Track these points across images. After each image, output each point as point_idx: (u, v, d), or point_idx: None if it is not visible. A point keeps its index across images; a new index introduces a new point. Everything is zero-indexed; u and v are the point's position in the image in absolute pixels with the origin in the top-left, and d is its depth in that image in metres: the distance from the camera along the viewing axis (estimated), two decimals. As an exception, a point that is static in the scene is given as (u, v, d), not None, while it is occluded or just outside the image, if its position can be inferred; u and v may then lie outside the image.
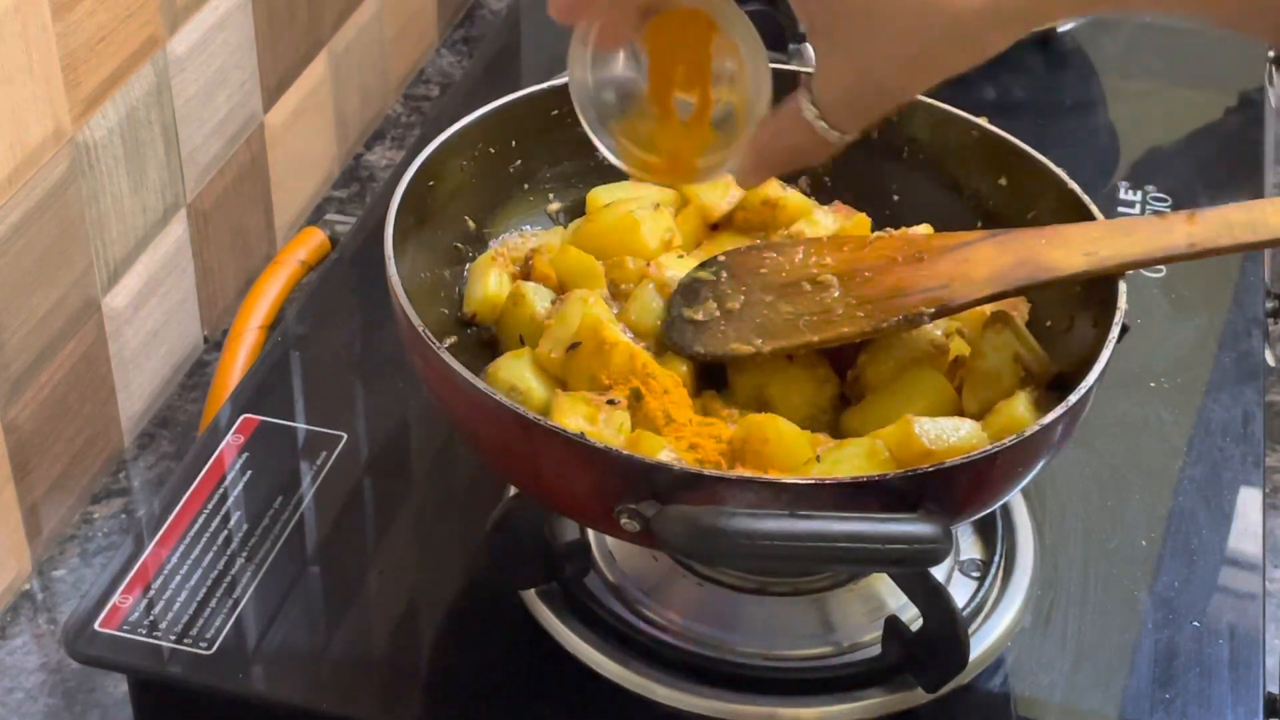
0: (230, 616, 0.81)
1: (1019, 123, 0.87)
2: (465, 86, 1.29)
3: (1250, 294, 1.05)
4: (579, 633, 0.79)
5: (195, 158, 1.07)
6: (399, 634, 0.83)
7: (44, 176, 0.90)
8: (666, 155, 0.75)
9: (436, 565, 0.86)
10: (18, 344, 0.91)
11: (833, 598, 0.81)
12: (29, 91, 0.88)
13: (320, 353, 1.00)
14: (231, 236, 1.14)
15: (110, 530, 0.98)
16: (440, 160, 0.83)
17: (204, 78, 1.06)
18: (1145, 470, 0.92)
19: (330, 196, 1.27)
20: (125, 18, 0.96)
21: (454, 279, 0.84)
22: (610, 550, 0.83)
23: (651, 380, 0.76)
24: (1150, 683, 0.80)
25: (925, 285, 0.77)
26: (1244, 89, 1.26)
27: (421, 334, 0.71)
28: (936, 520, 0.66)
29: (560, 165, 0.89)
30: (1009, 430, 0.71)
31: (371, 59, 1.31)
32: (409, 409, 0.95)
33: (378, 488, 0.90)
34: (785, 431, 0.74)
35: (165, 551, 0.84)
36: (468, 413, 0.73)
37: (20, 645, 0.91)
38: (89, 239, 0.96)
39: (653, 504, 0.67)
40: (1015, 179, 0.84)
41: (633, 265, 0.83)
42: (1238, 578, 0.86)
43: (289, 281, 1.12)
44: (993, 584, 0.83)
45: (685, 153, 0.75)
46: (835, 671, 0.79)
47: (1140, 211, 1.12)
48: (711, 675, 0.78)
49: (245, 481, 0.88)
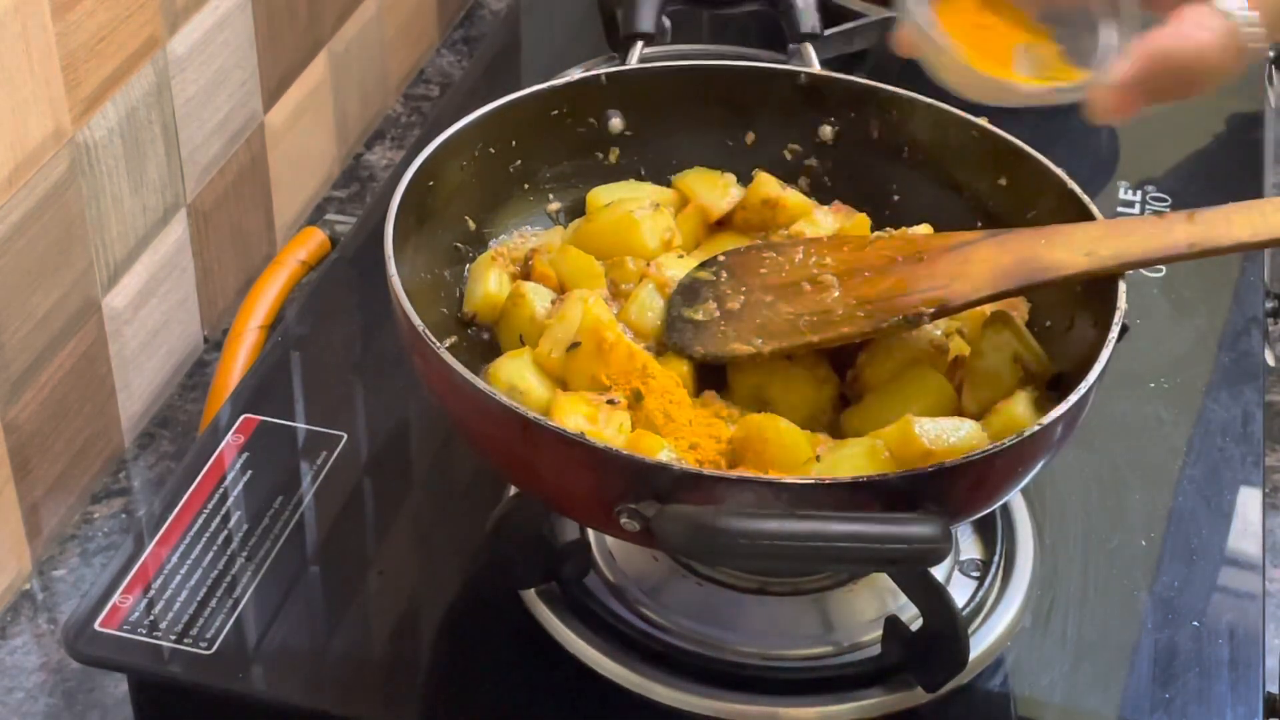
0: (230, 616, 0.81)
1: (1019, 123, 0.87)
2: (465, 86, 1.29)
3: (1250, 294, 1.05)
4: (579, 633, 0.79)
5: (195, 158, 1.07)
6: (399, 634, 0.83)
7: (44, 176, 0.90)
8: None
9: (436, 565, 0.86)
10: (18, 344, 0.91)
11: (833, 598, 0.81)
12: (29, 91, 0.88)
13: (320, 353, 1.00)
14: (231, 236, 1.14)
15: (110, 530, 0.98)
16: (440, 160, 0.83)
17: (204, 78, 1.06)
18: (1145, 470, 0.92)
19: (330, 196, 1.27)
20: (125, 18, 0.96)
21: (454, 279, 0.84)
22: (610, 550, 0.83)
23: (651, 380, 0.76)
24: (1150, 683, 0.80)
25: (925, 285, 0.77)
26: (1244, 89, 1.26)
27: (421, 334, 0.71)
28: (936, 520, 0.66)
29: (560, 165, 0.89)
30: (1009, 430, 0.71)
31: (371, 59, 1.31)
32: (409, 409, 0.95)
33: (378, 488, 0.90)
34: (785, 431, 0.74)
35: (165, 551, 0.84)
36: (468, 413, 0.73)
37: (20, 645, 0.91)
38: (89, 239, 0.96)
39: (653, 504, 0.67)
40: (1015, 179, 0.84)
41: (633, 265, 0.83)
42: (1238, 578, 0.86)
43: (289, 281, 1.12)
44: (993, 584, 0.83)
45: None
46: (835, 671, 0.79)
47: (1140, 211, 1.12)
48: (711, 675, 0.78)
49: (245, 481, 0.88)
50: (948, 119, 0.87)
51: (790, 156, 0.91)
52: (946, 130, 0.87)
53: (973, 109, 0.86)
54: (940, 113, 0.87)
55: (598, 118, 0.90)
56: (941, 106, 0.87)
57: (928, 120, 0.87)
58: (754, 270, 0.81)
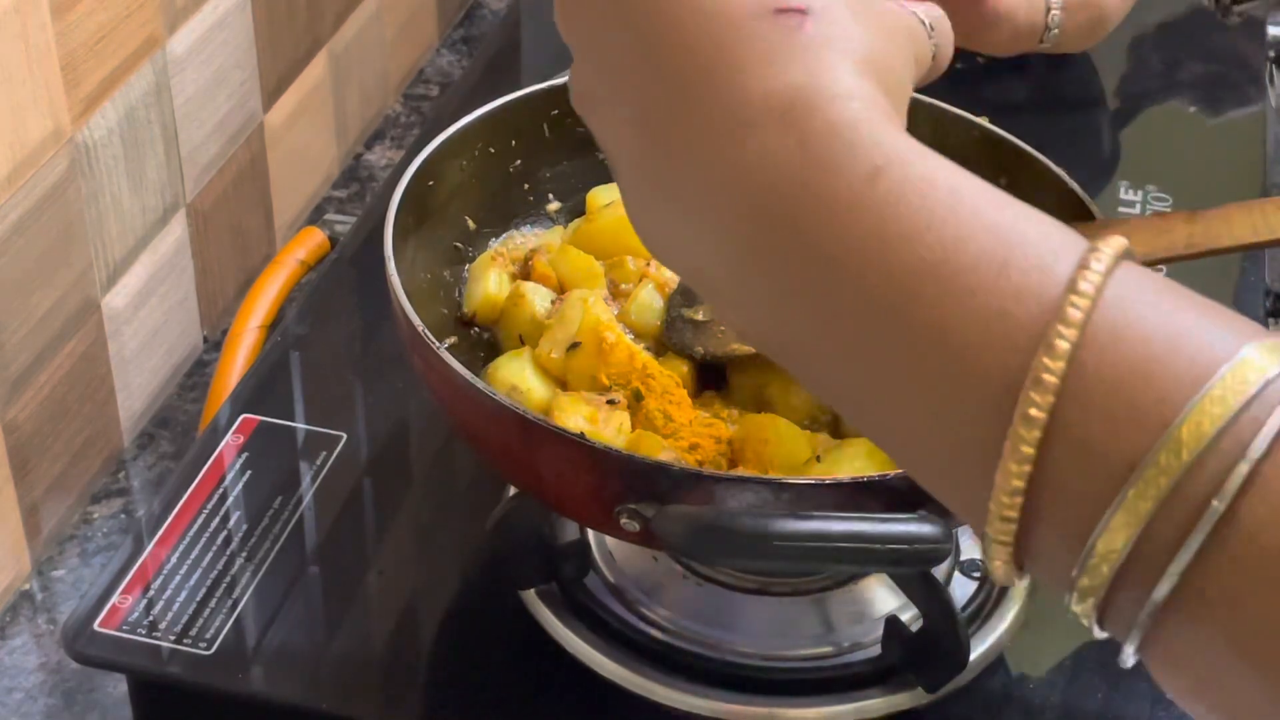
0: (230, 616, 0.81)
1: (1019, 123, 0.87)
2: (465, 86, 1.29)
3: (1250, 294, 1.05)
4: (579, 633, 0.79)
5: (195, 158, 1.07)
6: (399, 634, 0.83)
7: (43, 176, 0.90)
8: None
9: (436, 565, 0.86)
10: (17, 344, 0.91)
11: (833, 598, 0.81)
12: (28, 91, 0.88)
13: (320, 353, 1.00)
14: (231, 236, 1.14)
15: (110, 530, 0.98)
16: (440, 160, 0.83)
17: (203, 78, 1.06)
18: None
19: (330, 196, 1.27)
20: (125, 18, 0.96)
21: (454, 279, 0.84)
22: (610, 550, 0.83)
23: (651, 380, 0.76)
24: (1150, 683, 0.80)
25: (925, 285, 0.77)
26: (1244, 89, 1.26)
27: (421, 334, 0.71)
28: (937, 520, 0.66)
29: (560, 165, 0.89)
30: (1009, 430, 0.71)
31: (371, 59, 1.31)
32: (409, 409, 0.95)
33: (378, 488, 0.90)
34: (785, 431, 0.74)
35: (165, 551, 0.84)
36: (468, 413, 0.73)
37: (20, 645, 0.91)
38: (88, 239, 0.96)
39: (653, 504, 0.67)
40: (1015, 179, 0.84)
41: (633, 265, 0.83)
42: (1238, 578, 0.86)
43: (288, 281, 1.12)
44: (993, 584, 0.83)
45: None
46: (835, 671, 0.79)
47: (1140, 211, 1.12)
48: (711, 675, 0.78)
49: (245, 481, 0.88)
50: (948, 119, 0.87)
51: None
52: (947, 130, 0.87)
53: (973, 109, 0.86)
54: (941, 113, 0.87)
55: (598, 117, 0.90)
56: (942, 106, 0.87)
57: (928, 120, 0.87)
58: (754, 270, 0.81)
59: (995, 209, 0.46)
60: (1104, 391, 0.42)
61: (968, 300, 0.44)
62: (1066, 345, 0.42)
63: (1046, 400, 0.42)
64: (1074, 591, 0.43)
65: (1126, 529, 0.41)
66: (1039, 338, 0.42)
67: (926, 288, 0.44)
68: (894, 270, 0.44)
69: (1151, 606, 0.42)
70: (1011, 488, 0.43)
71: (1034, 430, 0.42)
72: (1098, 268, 0.43)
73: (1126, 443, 0.41)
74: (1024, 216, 0.46)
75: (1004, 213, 0.45)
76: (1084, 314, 0.42)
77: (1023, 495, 0.43)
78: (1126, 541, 0.41)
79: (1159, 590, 0.41)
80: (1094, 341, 0.42)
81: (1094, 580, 0.42)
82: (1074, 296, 0.42)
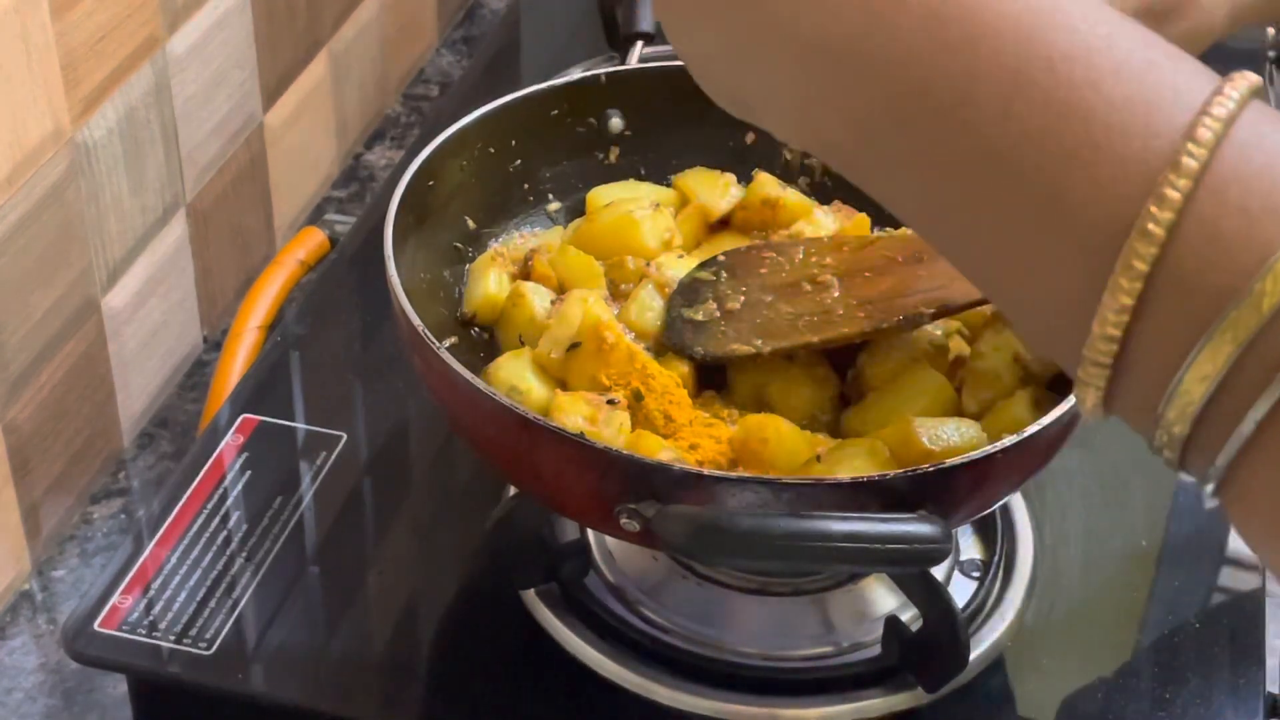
0: (230, 616, 0.81)
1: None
2: (465, 86, 1.29)
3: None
4: (579, 633, 0.79)
5: (195, 158, 1.07)
6: (399, 634, 0.83)
7: (43, 176, 0.90)
8: None
9: (436, 565, 0.86)
10: (17, 344, 0.91)
11: (833, 598, 0.81)
12: (28, 91, 0.88)
13: (320, 353, 1.00)
14: (231, 236, 1.14)
15: (110, 530, 0.98)
16: (440, 160, 0.83)
17: (203, 78, 1.06)
18: (1145, 470, 0.92)
19: (330, 196, 1.27)
20: (125, 18, 0.96)
21: (454, 279, 0.84)
22: (610, 550, 0.83)
23: (651, 380, 0.75)
24: (1150, 683, 0.80)
25: (925, 285, 0.77)
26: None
27: (421, 334, 0.71)
28: (937, 520, 0.66)
29: (560, 165, 0.89)
30: (1009, 430, 0.71)
31: (371, 59, 1.31)
32: (409, 409, 0.95)
33: (378, 488, 0.90)
34: (785, 431, 0.74)
35: (165, 551, 0.84)
36: (468, 413, 0.73)
37: (19, 645, 0.91)
38: (88, 239, 0.96)
39: (653, 504, 0.67)
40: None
41: (633, 265, 0.83)
42: (1238, 578, 0.86)
43: (288, 281, 1.12)
44: (993, 584, 0.83)
45: None
46: (835, 671, 0.79)
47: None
48: (711, 675, 0.78)
49: (245, 481, 0.88)
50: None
51: (790, 156, 0.91)
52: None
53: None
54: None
55: (598, 117, 0.90)
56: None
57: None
58: (754, 270, 0.81)
59: (1145, 46, 0.46)
60: (1206, 237, 0.42)
61: (1100, 119, 0.44)
62: (1178, 195, 0.42)
63: (1150, 252, 0.42)
64: (1159, 429, 0.44)
65: (1214, 362, 0.42)
66: (1168, 162, 0.43)
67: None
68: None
69: (1236, 441, 0.42)
70: (1120, 305, 0.43)
71: (1147, 255, 0.42)
72: (1219, 113, 0.43)
73: (1223, 280, 0.42)
74: (1163, 57, 0.45)
75: (1151, 51, 0.45)
76: (1200, 164, 0.42)
77: (1122, 330, 0.44)
78: (1217, 372, 0.42)
79: (1244, 426, 0.42)
80: (1209, 189, 0.42)
81: (1183, 409, 0.43)
82: (1190, 145, 0.43)
